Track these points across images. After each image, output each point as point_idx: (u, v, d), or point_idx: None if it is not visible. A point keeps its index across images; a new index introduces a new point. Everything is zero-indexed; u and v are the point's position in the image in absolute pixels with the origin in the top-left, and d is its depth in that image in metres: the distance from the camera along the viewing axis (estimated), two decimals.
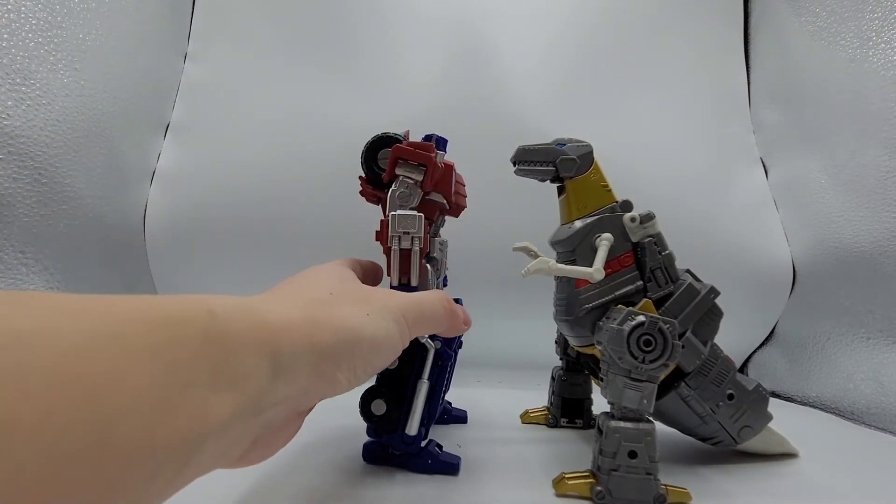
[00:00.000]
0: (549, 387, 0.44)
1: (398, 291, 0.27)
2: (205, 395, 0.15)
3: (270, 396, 0.18)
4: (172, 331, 0.15)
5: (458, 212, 0.36)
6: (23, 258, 0.41)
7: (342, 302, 0.23)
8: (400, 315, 0.24)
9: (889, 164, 0.50)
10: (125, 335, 0.14)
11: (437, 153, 0.31)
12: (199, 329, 0.16)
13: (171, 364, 0.14)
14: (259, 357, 0.18)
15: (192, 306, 0.16)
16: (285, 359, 0.19)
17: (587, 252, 0.31)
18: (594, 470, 0.30)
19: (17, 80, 0.40)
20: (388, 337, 0.24)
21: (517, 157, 0.33)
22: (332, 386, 0.21)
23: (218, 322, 0.17)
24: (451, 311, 0.27)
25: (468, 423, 0.42)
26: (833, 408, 0.52)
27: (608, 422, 0.29)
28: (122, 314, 0.14)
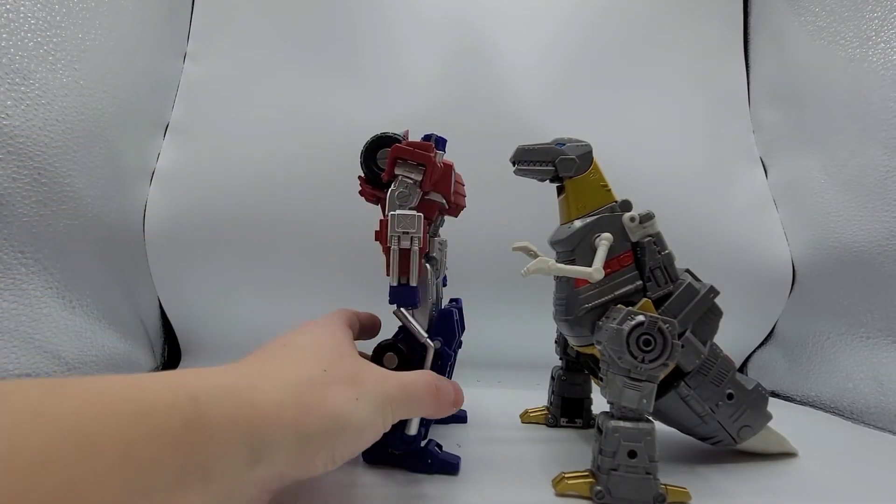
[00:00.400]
0: (549, 386, 0.44)
1: (389, 373, 0.27)
2: (172, 495, 0.15)
3: (244, 483, 0.18)
4: (149, 423, 0.15)
5: (457, 212, 0.36)
6: (22, 258, 0.41)
7: (334, 383, 0.23)
8: (387, 401, 0.25)
9: (888, 164, 0.50)
10: (96, 437, 0.14)
11: (437, 153, 0.31)
12: (179, 419, 0.16)
13: (140, 466, 0.15)
14: (239, 445, 0.18)
15: (175, 392, 0.16)
16: (266, 445, 0.18)
17: (587, 252, 0.31)
18: (594, 469, 0.30)
19: (16, 79, 0.40)
20: (372, 425, 0.24)
21: (516, 157, 0.33)
22: (308, 470, 0.21)
23: (199, 409, 0.17)
24: (439, 395, 0.28)
25: (468, 422, 0.42)
26: (832, 407, 0.52)
27: (608, 421, 0.29)
28: (97, 410, 0.15)
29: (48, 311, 0.42)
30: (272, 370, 0.22)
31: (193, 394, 0.17)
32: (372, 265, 0.35)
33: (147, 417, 0.15)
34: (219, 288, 0.58)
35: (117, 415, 0.15)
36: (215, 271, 0.58)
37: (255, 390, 0.19)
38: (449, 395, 0.29)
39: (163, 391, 0.16)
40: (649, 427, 0.29)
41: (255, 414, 0.18)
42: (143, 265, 0.56)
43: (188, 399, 0.17)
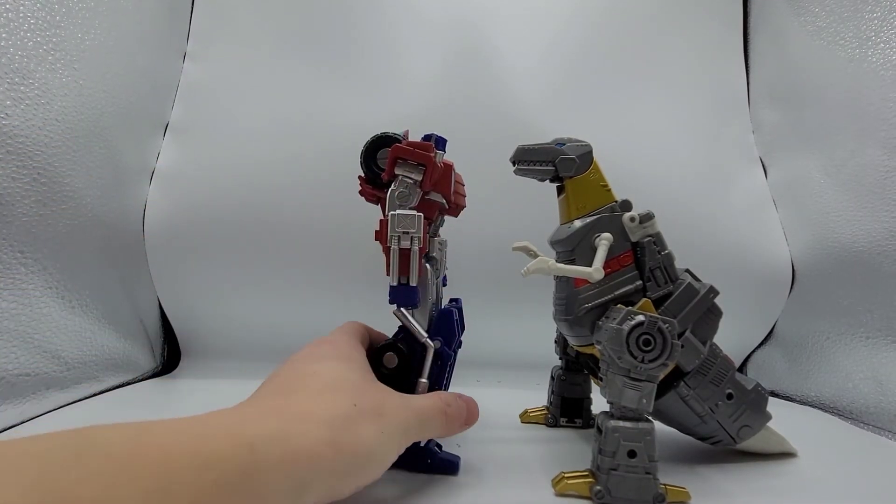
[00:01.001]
0: (549, 386, 0.44)
1: (406, 401, 0.28)
2: None
3: None
4: (215, 474, 0.18)
5: (457, 211, 0.36)
6: (21, 258, 0.41)
7: (363, 417, 0.25)
8: (405, 431, 0.27)
9: (888, 164, 0.50)
10: (172, 489, 0.17)
11: (437, 153, 0.31)
12: (239, 466, 0.19)
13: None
14: (286, 486, 0.20)
15: (232, 442, 0.19)
16: (308, 483, 0.21)
17: (586, 252, 0.31)
18: (593, 469, 0.30)
19: (15, 79, 0.40)
20: (392, 452, 0.26)
21: (516, 157, 0.33)
22: (338, 496, 0.23)
23: (256, 457, 0.19)
24: (448, 419, 0.29)
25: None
26: (832, 407, 0.53)
27: (607, 421, 0.29)
28: (171, 462, 0.17)
29: (48, 311, 0.42)
30: (308, 410, 0.24)
31: (251, 442, 0.20)
32: (372, 265, 0.35)
33: (213, 469, 0.18)
34: (219, 288, 0.58)
35: (189, 467, 0.17)
36: (215, 271, 0.58)
37: (298, 435, 0.22)
38: (460, 416, 0.30)
39: (224, 442, 0.19)
40: (649, 427, 0.29)
41: (298, 458, 0.21)
42: (142, 265, 0.56)
43: (247, 449, 0.19)
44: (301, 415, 0.23)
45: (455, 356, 0.36)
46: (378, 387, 0.28)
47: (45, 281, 0.43)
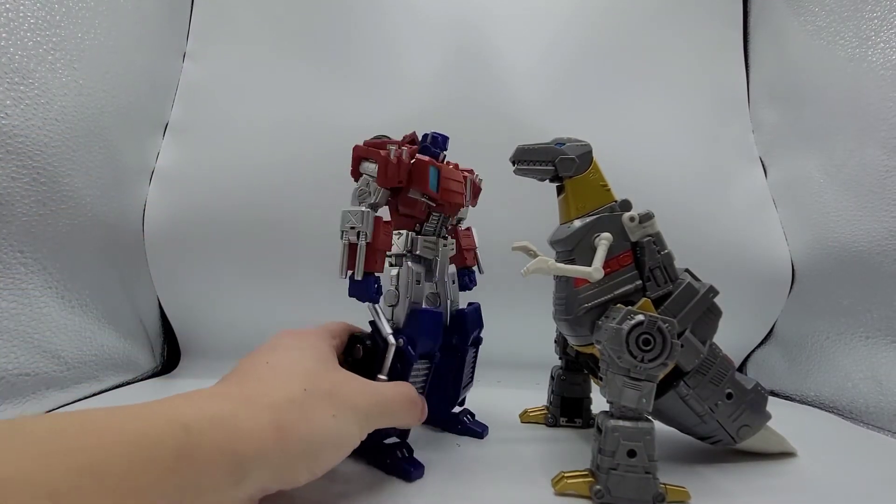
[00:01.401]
0: (549, 386, 0.44)
1: (365, 385, 0.28)
2: None
3: (231, 499, 0.20)
4: (148, 453, 0.18)
5: (450, 209, 0.36)
6: (21, 258, 0.41)
7: (313, 401, 0.24)
8: (363, 414, 0.26)
9: (887, 164, 0.50)
10: (104, 468, 0.17)
11: (397, 149, 0.31)
12: (173, 447, 0.18)
13: (142, 489, 0.17)
14: (226, 468, 0.20)
15: (170, 423, 0.19)
16: (250, 466, 0.21)
17: (586, 251, 0.31)
18: (593, 469, 0.30)
19: (15, 79, 0.40)
20: (350, 437, 0.26)
21: (516, 157, 0.33)
22: (290, 483, 0.23)
23: (191, 437, 0.19)
24: (414, 407, 0.30)
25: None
26: (831, 406, 0.53)
27: (607, 421, 0.29)
28: (104, 444, 0.17)
29: (47, 311, 0.42)
30: (255, 393, 0.24)
31: (186, 423, 0.19)
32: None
33: (147, 449, 0.18)
34: (218, 287, 0.58)
35: (121, 446, 0.17)
36: (215, 271, 0.58)
37: (240, 417, 0.21)
38: (418, 407, 0.30)
39: (159, 423, 0.19)
40: (649, 426, 0.29)
41: (239, 439, 0.21)
42: (142, 265, 0.56)
43: (181, 429, 0.19)
44: (244, 398, 0.23)
45: (474, 355, 0.39)
46: (336, 373, 0.28)
47: (45, 281, 0.43)
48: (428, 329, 0.33)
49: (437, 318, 0.33)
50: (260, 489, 0.22)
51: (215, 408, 0.21)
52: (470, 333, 0.38)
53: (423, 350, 0.32)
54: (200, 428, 0.20)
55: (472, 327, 0.38)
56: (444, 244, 0.36)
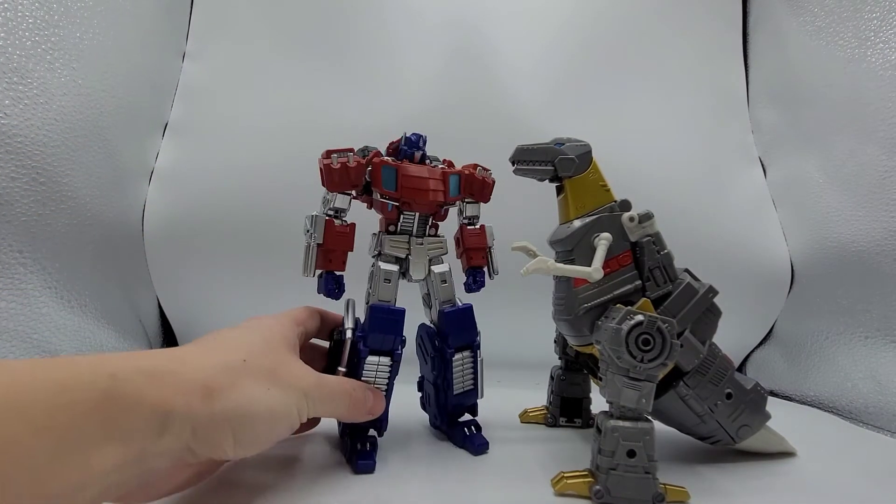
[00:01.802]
0: (548, 386, 0.44)
1: (310, 372, 0.28)
2: (92, 450, 0.18)
3: (154, 450, 0.20)
4: (72, 395, 0.18)
5: (420, 207, 0.35)
6: (20, 258, 0.40)
7: (250, 372, 0.25)
8: (302, 396, 0.27)
9: (887, 164, 0.50)
10: (28, 407, 0.17)
11: (348, 155, 0.34)
12: (98, 390, 0.19)
13: (64, 428, 0.18)
14: (149, 416, 0.20)
15: (96, 371, 0.19)
16: (173, 420, 0.21)
17: (586, 251, 0.31)
18: (593, 469, 0.30)
19: (14, 79, 0.40)
20: (284, 416, 0.26)
21: (516, 157, 0.33)
22: (216, 450, 0.23)
23: (117, 384, 0.20)
24: (351, 402, 0.30)
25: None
26: (831, 406, 0.53)
27: (607, 421, 0.29)
28: (29, 386, 0.18)
29: (47, 311, 0.42)
30: (193, 356, 0.24)
31: (113, 371, 0.20)
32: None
33: (71, 391, 0.18)
34: (218, 287, 0.58)
35: (45, 389, 0.18)
36: (214, 270, 0.58)
37: (171, 373, 0.22)
38: (364, 403, 0.31)
39: (85, 369, 0.19)
40: (648, 427, 0.29)
41: (165, 391, 0.21)
42: (141, 265, 0.56)
43: (108, 376, 0.19)
44: (181, 359, 0.23)
45: (465, 359, 0.37)
46: (282, 354, 0.28)
47: (44, 280, 0.42)
48: (378, 325, 0.33)
49: (393, 314, 0.34)
50: (185, 448, 0.22)
51: (146, 362, 0.22)
52: (448, 336, 0.36)
53: (375, 346, 0.33)
54: (127, 376, 0.20)
55: (450, 330, 0.36)
56: (420, 243, 0.35)
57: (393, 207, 0.35)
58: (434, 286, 0.36)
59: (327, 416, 0.31)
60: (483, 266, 0.38)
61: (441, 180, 0.35)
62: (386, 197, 0.34)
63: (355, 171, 0.33)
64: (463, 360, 0.37)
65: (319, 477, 0.31)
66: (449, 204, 0.37)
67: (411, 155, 0.35)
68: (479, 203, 0.38)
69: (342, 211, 0.34)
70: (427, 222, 0.36)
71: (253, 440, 0.24)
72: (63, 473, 0.18)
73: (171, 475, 0.24)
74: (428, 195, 0.34)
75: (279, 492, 0.29)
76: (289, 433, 0.27)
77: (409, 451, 0.36)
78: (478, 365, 0.37)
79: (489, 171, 0.38)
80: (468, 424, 0.37)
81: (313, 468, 0.32)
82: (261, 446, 0.25)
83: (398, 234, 0.35)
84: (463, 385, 0.37)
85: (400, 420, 0.38)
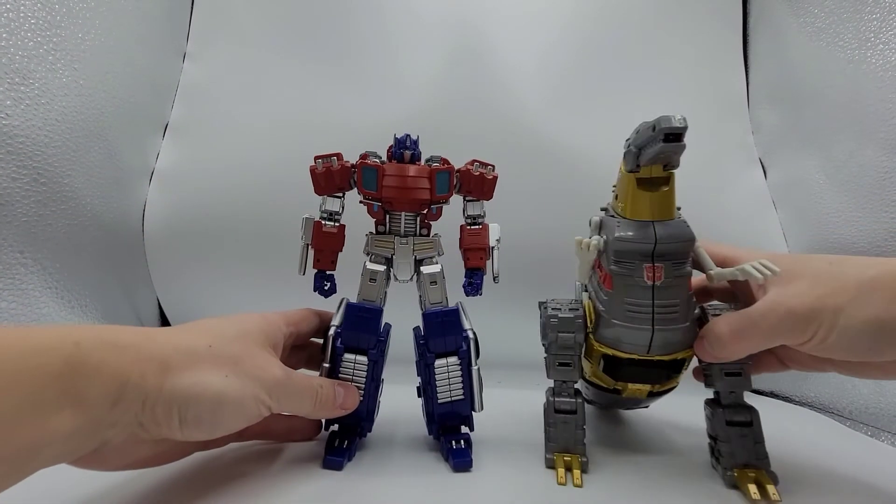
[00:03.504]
0: None
1: (275, 366, 0.29)
2: (51, 414, 0.19)
3: (107, 420, 0.21)
4: (37, 360, 0.19)
5: (404, 206, 0.35)
6: (21, 258, 0.41)
7: (211, 358, 0.25)
8: (261, 388, 0.27)
9: (887, 165, 0.50)
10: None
11: (332, 159, 0.35)
12: (62, 357, 0.20)
13: (27, 390, 0.19)
14: (107, 384, 0.21)
15: (62, 338, 0.20)
16: (128, 390, 0.21)
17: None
18: None
19: (15, 79, 0.40)
20: (236, 402, 0.26)
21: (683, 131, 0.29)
22: (164, 428, 0.23)
23: (80, 351, 0.20)
24: (316, 398, 0.30)
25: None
26: (831, 408, 0.53)
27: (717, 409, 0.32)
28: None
29: (47, 311, 0.42)
30: (163, 335, 0.25)
31: (77, 340, 0.20)
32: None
33: (35, 356, 0.19)
34: (218, 287, 0.58)
35: (12, 352, 0.19)
36: (214, 271, 0.58)
37: (133, 345, 0.22)
38: (330, 399, 0.31)
39: (52, 337, 0.20)
40: None
41: (124, 361, 0.22)
42: (142, 265, 0.56)
43: (72, 344, 0.20)
44: (148, 337, 0.24)
45: (451, 365, 0.34)
46: (251, 346, 0.28)
47: (45, 281, 0.43)
48: (351, 322, 0.33)
49: (367, 313, 0.34)
50: (136, 422, 0.22)
51: (111, 335, 0.22)
52: (427, 340, 0.34)
53: (350, 343, 0.33)
54: (91, 346, 0.21)
55: (429, 333, 0.34)
56: (404, 243, 0.35)
57: (378, 208, 0.35)
58: (423, 287, 0.35)
59: (294, 413, 0.31)
60: (481, 268, 0.36)
61: (427, 178, 0.34)
62: (369, 197, 0.35)
63: (339, 174, 0.34)
64: (448, 366, 0.34)
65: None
66: (439, 202, 0.35)
67: (401, 155, 0.34)
68: (480, 201, 0.37)
69: (334, 213, 0.35)
70: (416, 222, 0.35)
71: (197, 422, 0.24)
72: (22, 434, 0.18)
73: (127, 449, 0.24)
74: (407, 193, 0.34)
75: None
76: (244, 422, 0.27)
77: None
78: (472, 375, 0.35)
79: (490, 167, 0.36)
80: (456, 437, 0.35)
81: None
82: (209, 430, 0.25)
83: (385, 234, 0.35)
84: (450, 394, 0.34)
85: (402, 426, 0.38)
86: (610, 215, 0.34)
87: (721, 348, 0.29)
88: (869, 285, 0.25)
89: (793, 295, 0.27)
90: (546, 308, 0.36)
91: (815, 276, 0.27)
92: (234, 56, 0.64)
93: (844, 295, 0.25)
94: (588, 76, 0.65)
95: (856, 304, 0.25)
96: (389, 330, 0.36)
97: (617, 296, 0.31)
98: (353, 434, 0.34)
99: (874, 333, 0.25)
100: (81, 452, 0.21)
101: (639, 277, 0.30)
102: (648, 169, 0.31)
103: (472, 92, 0.62)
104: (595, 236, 0.33)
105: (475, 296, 0.36)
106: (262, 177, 0.59)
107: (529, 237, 0.38)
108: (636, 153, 0.31)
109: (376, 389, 0.35)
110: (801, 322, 0.26)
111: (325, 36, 0.64)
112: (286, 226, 0.58)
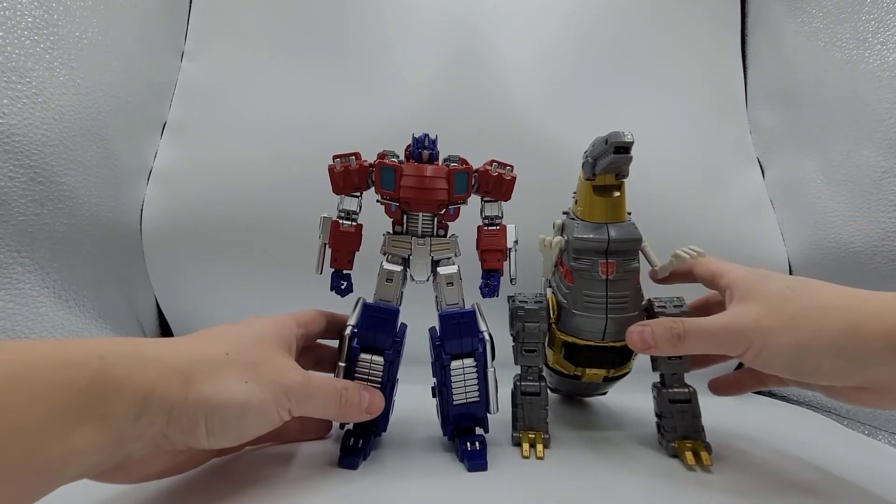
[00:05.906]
0: None
1: (295, 370, 0.28)
2: (75, 428, 0.19)
3: (131, 433, 0.21)
4: (64, 374, 0.19)
5: (420, 206, 0.35)
6: (18, 258, 0.40)
7: (230, 365, 0.25)
8: (282, 393, 0.27)
9: (884, 165, 0.51)
10: (23, 383, 0.18)
11: (350, 159, 0.34)
12: (89, 371, 0.20)
13: (55, 404, 0.19)
14: (131, 398, 0.21)
15: (87, 352, 0.20)
16: (151, 403, 0.22)
17: None
18: None
19: (12, 78, 0.40)
20: (258, 408, 0.26)
21: (629, 144, 0.32)
22: (190, 438, 0.23)
23: (105, 364, 0.20)
24: (341, 401, 0.30)
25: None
26: (829, 408, 0.53)
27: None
28: (26, 364, 0.19)
29: (45, 311, 0.42)
30: (182, 345, 0.25)
31: (102, 354, 0.21)
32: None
33: (63, 370, 0.19)
34: (216, 287, 0.58)
35: (42, 366, 0.19)
36: (213, 271, 0.58)
37: (157, 358, 0.23)
38: (355, 402, 0.31)
39: (77, 351, 0.20)
40: None
41: (149, 375, 0.22)
42: (140, 264, 0.56)
43: (97, 357, 0.20)
44: (168, 347, 0.24)
45: (467, 367, 0.34)
46: (269, 351, 0.28)
47: (42, 280, 0.42)
48: (367, 322, 0.33)
49: (384, 314, 0.34)
50: (160, 434, 0.22)
51: (133, 348, 0.22)
52: (444, 342, 0.34)
53: (366, 343, 0.33)
54: (115, 359, 0.21)
55: (444, 335, 0.34)
56: (421, 243, 0.35)
57: (396, 208, 0.35)
58: (440, 288, 0.35)
59: (317, 416, 0.31)
60: (497, 269, 0.36)
61: (445, 179, 0.34)
62: (386, 197, 0.34)
63: (357, 173, 0.34)
64: (464, 368, 0.34)
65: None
66: (457, 203, 0.35)
67: (419, 155, 0.34)
68: (498, 202, 0.36)
69: (352, 212, 0.35)
70: (433, 222, 0.35)
71: (224, 430, 0.24)
72: (51, 449, 0.18)
73: (149, 461, 0.25)
74: (425, 194, 0.34)
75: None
76: (267, 427, 0.27)
77: (407, 456, 0.35)
78: (488, 377, 0.34)
79: (509, 167, 0.36)
80: (472, 439, 0.34)
81: (306, 462, 0.32)
82: (235, 438, 0.25)
83: (403, 234, 0.35)
84: (465, 395, 0.34)
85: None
86: (571, 218, 0.38)
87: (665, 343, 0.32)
88: (805, 313, 0.28)
89: (741, 313, 0.30)
90: (514, 301, 0.39)
91: (766, 297, 0.30)
92: (233, 55, 0.63)
93: (779, 320, 0.28)
94: (587, 75, 0.65)
95: (784, 329, 0.28)
96: (405, 330, 0.36)
97: (577, 289, 0.36)
98: (367, 433, 0.34)
99: (795, 356, 0.27)
100: (104, 467, 0.21)
101: (595, 272, 0.35)
102: (603, 177, 0.35)
103: (471, 91, 0.62)
104: (557, 236, 0.37)
105: (492, 297, 0.36)
106: (260, 176, 0.59)
107: (527, 236, 0.38)
108: (592, 163, 0.34)
109: (392, 389, 0.35)
110: (735, 337, 0.30)
111: (323, 35, 0.64)
112: (285, 225, 0.59)
